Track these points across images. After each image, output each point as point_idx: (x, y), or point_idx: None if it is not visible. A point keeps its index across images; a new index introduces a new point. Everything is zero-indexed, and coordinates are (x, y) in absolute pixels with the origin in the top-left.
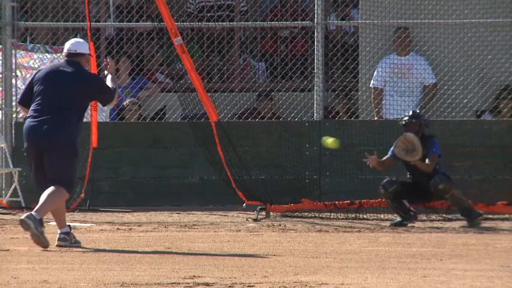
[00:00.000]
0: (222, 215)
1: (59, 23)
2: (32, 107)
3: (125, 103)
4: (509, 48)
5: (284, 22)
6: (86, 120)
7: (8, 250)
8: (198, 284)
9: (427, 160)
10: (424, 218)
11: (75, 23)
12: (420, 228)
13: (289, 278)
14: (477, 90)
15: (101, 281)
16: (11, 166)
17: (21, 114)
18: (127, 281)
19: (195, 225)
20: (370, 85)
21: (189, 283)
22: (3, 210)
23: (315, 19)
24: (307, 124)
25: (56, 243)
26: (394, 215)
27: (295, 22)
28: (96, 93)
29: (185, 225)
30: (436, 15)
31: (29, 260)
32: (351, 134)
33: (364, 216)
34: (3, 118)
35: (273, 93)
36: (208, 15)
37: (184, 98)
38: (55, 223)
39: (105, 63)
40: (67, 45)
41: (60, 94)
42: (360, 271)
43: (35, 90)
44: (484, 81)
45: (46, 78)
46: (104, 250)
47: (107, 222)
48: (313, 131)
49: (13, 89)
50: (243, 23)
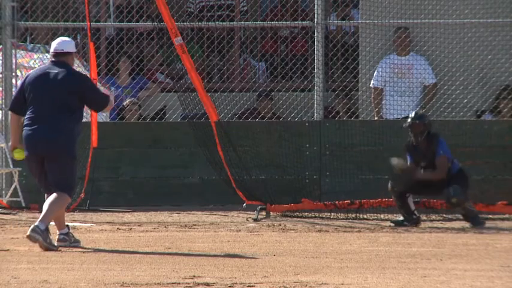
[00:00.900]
0: (222, 215)
1: (59, 23)
2: (27, 114)
3: (124, 103)
4: (509, 48)
5: (284, 22)
6: (86, 120)
7: (8, 250)
8: (198, 284)
9: (437, 163)
10: (424, 218)
11: (75, 23)
12: (420, 228)
13: (289, 278)
14: (477, 90)
15: (101, 281)
16: (11, 166)
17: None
18: (127, 281)
19: (195, 225)
20: (370, 85)
21: (189, 283)
22: (3, 210)
23: (315, 19)
24: (307, 124)
25: (55, 244)
26: (394, 215)
27: (295, 22)
28: (87, 92)
29: (185, 225)
30: (436, 15)
31: (29, 260)
32: (351, 134)
33: (364, 216)
34: (3, 118)
35: (273, 93)
36: (209, 15)
37: (185, 98)
38: (54, 224)
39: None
40: (53, 45)
41: (53, 98)
42: (360, 271)
43: (27, 96)
44: (484, 81)
45: (37, 83)
46: (104, 250)
47: (107, 222)
48: (314, 131)
49: (13, 89)
50: (243, 23)
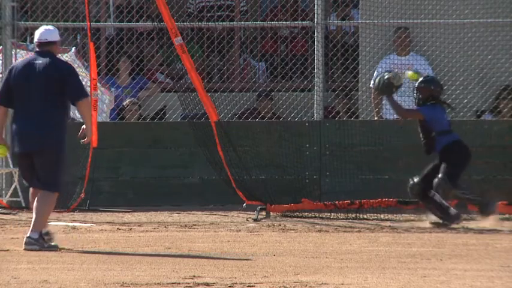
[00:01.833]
0: (222, 215)
1: (58, 23)
2: (15, 109)
3: (124, 103)
4: (509, 48)
5: (284, 22)
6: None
7: (8, 250)
8: (198, 284)
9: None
10: (424, 218)
11: (75, 23)
12: (420, 228)
13: (289, 278)
14: (477, 91)
15: (101, 281)
16: (11, 166)
17: None
18: (127, 281)
19: (195, 225)
20: (370, 85)
21: (189, 283)
22: (3, 210)
23: (315, 19)
24: (307, 124)
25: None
26: (394, 215)
27: (295, 22)
28: (67, 78)
29: (185, 225)
30: (436, 15)
31: (29, 260)
32: (351, 134)
33: (364, 216)
34: None
35: (273, 93)
36: (208, 15)
37: (185, 98)
38: (55, 223)
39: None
40: (37, 34)
41: (40, 90)
42: (360, 271)
43: (13, 89)
44: (484, 81)
45: (22, 75)
46: (104, 250)
47: (107, 222)
48: (313, 131)
49: None
50: (243, 23)
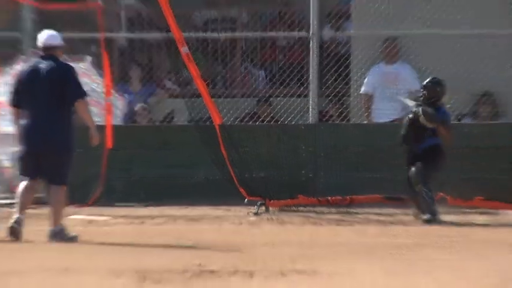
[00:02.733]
0: (226, 209)
1: (75, 34)
2: (25, 111)
3: (136, 108)
4: (488, 57)
5: (282, 33)
6: (101, 123)
7: (32, 241)
8: (204, 271)
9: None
10: (409, 212)
11: (90, 34)
12: (405, 221)
13: (286, 266)
14: (458, 96)
15: (117, 269)
16: None
17: None
18: (141, 269)
19: (201, 218)
20: (361, 91)
21: (195, 270)
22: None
23: (311, 30)
24: (303, 127)
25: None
26: (383, 209)
27: (292, 33)
28: (67, 80)
29: (192, 219)
30: (423, 26)
31: (51, 249)
32: (343, 136)
33: (354, 210)
34: None
35: (271, 99)
36: (212, 26)
37: (191, 103)
38: (73, 216)
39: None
40: (41, 39)
41: (46, 92)
42: (350, 260)
43: (22, 93)
44: (465, 87)
45: (29, 80)
46: (119, 241)
47: (121, 216)
48: (309, 134)
49: None
50: (244, 33)
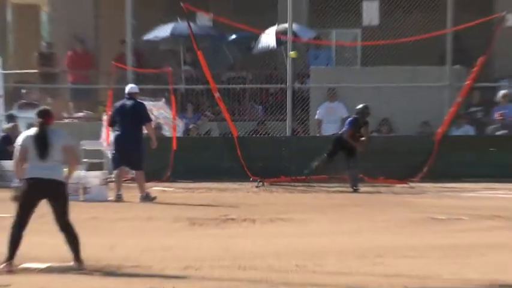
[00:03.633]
0: (240, 184)
1: (156, 86)
2: (116, 128)
3: (189, 127)
4: (392, 97)
5: (273, 85)
6: (170, 136)
7: (130, 202)
8: (227, 219)
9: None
10: (346, 185)
11: (164, 86)
12: (342, 190)
13: (274, 215)
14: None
15: (178, 217)
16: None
17: None
18: (191, 217)
19: (226, 189)
20: (315, 117)
21: (222, 218)
22: (129, 182)
23: (288, 83)
24: (283, 138)
25: (139, 200)
26: (331, 184)
27: (277, 85)
28: (142, 113)
29: (221, 189)
30: (354, 81)
31: (141, 206)
32: (306, 143)
33: (312, 184)
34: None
35: (265, 122)
36: (232, 81)
37: (220, 124)
38: (155, 188)
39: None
40: (127, 89)
41: (128, 119)
42: (310, 213)
43: (116, 118)
44: (373, 115)
45: (121, 111)
46: (179, 202)
47: (180, 187)
48: (287, 142)
49: None
50: (249, 85)
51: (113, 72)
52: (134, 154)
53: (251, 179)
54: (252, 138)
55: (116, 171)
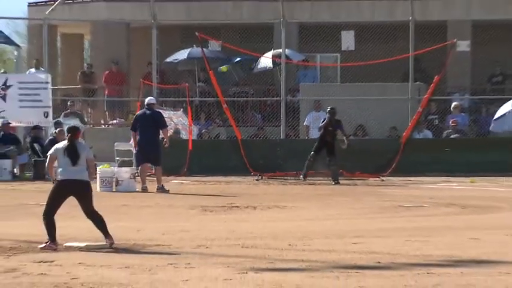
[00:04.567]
0: (243, 178)
1: (175, 99)
2: (138, 133)
3: (203, 131)
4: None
5: (268, 98)
6: (187, 138)
7: (151, 192)
8: (233, 206)
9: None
10: (328, 179)
11: (182, 99)
12: (327, 183)
13: (271, 203)
14: (350, 126)
15: (192, 205)
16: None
17: None
18: (203, 205)
19: (231, 182)
20: (304, 124)
21: (229, 206)
22: (150, 176)
23: (282, 96)
24: (278, 141)
25: (156, 190)
26: (320, 178)
27: (273, 98)
28: (159, 120)
29: (227, 182)
30: (335, 95)
31: (162, 196)
32: (296, 144)
33: (305, 179)
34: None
35: (264, 128)
36: (237, 94)
37: (227, 129)
38: (173, 181)
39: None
40: (146, 100)
41: (149, 126)
42: (301, 201)
43: (137, 124)
44: (351, 122)
45: (142, 118)
46: (193, 192)
47: (195, 180)
48: (281, 143)
49: None
50: (251, 98)
51: (141, 87)
52: (153, 153)
53: (252, 174)
54: (253, 141)
55: (140, 167)
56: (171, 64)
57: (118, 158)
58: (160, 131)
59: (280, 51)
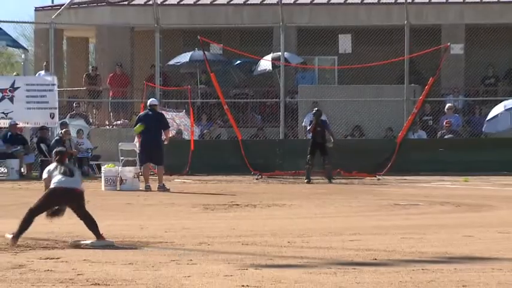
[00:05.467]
0: (243, 177)
1: (177, 100)
2: (142, 132)
3: (204, 132)
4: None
5: (267, 100)
6: (189, 139)
7: (153, 191)
8: (233, 204)
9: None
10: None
11: (184, 100)
12: (323, 182)
13: (271, 202)
14: (347, 126)
15: (194, 203)
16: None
17: None
18: (205, 203)
19: (232, 181)
20: (302, 124)
21: (230, 204)
22: (153, 175)
23: (280, 98)
24: (277, 140)
25: (157, 189)
26: (316, 177)
27: (272, 99)
28: (162, 121)
29: (228, 181)
30: (333, 96)
31: (164, 194)
32: (295, 144)
33: (300, 177)
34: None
35: (264, 128)
36: (238, 96)
37: (228, 130)
38: (178, 180)
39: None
40: (149, 102)
41: (152, 125)
42: (299, 200)
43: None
44: (348, 122)
45: (144, 119)
46: (194, 191)
47: (196, 179)
48: (281, 143)
49: None
50: (251, 100)
51: (145, 89)
52: (156, 153)
53: (252, 173)
54: (253, 141)
55: (143, 167)
56: (173, 67)
57: (122, 157)
58: (161, 131)
59: (280, 54)
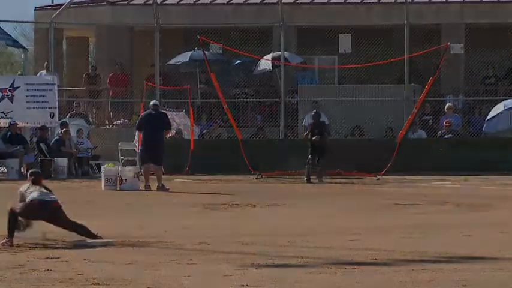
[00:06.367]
0: (243, 176)
1: (179, 100)
2: (143, 131)
3: (204, 132)
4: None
5: (267, 99)
6: (189, 138)
7: (153, 191)
8: (233, 204)
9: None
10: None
11: (185, 100)
12: (320, 181)
13: (271, 201)
14: (347, 126)
15: (194, 203)
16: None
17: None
18: (205, 203)
19: (232, 180)
20: (302, 124)
21: (229, 204)
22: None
23: (281, 97)
24: (277, 140)
25: (156, 188)
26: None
27: (272, 99)
28: (164, 121)
29: (228, 181)
30: (333, 96)
31: (163, 194)
32: (295, 145)
33: (299, 177)
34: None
35: (264, 128)
36: (238, 96)
37: (228, 130)
38: (178, 179)
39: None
40: (152, 103)
41: (154, 126)
42: (299, 199)
43: (143, 124)
44: (348, 123)
45: (147, 119)
46: (195, 191)
47: (197, 179)
48: (280, 143)
49: None
50: (251, 99)
51: (144, 89)
52: (157, 153)
53: (252, 173)
54: (253, 141)
55: (143, 166)
56: (173, 66)
57: (122, 157)
58: (163, 131)
59: (279, 53)
